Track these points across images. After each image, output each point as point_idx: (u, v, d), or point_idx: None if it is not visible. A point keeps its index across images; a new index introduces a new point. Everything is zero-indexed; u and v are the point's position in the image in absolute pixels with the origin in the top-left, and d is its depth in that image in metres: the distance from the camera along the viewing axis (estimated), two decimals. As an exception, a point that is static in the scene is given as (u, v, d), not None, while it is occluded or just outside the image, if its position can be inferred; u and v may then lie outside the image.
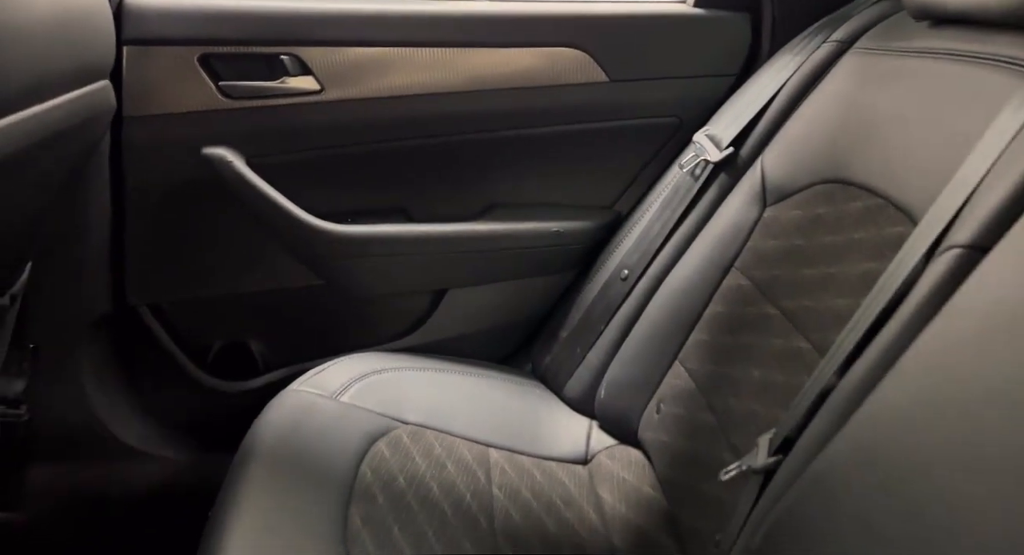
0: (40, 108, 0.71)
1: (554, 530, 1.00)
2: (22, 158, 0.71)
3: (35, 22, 0.69)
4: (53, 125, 0.75)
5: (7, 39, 0.64)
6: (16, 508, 1.26)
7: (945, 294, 0.61)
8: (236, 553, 0.80)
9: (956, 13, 0.80)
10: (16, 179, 0.74)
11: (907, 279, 0.67)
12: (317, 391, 1.12)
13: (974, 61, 0.77)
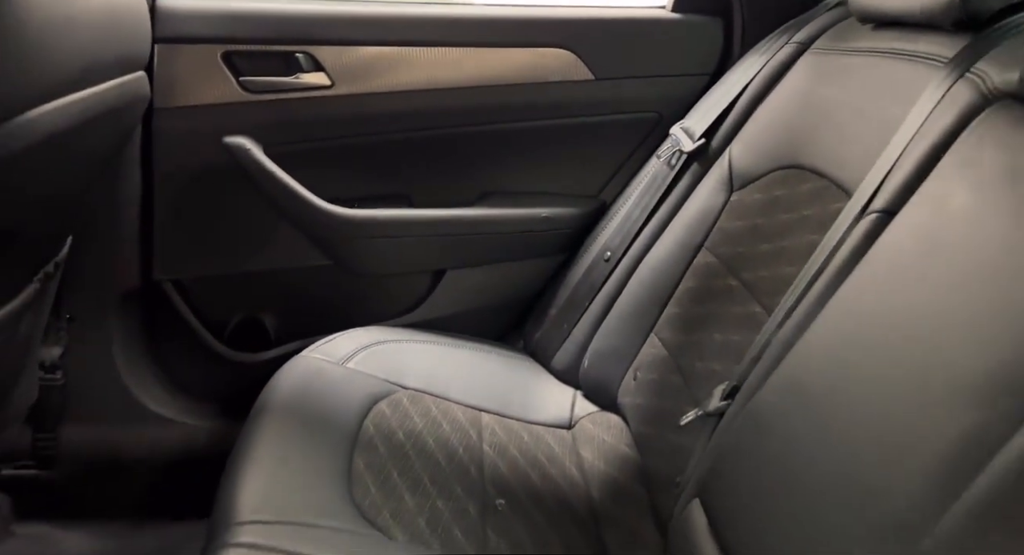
0: (89, 92, 0.81)
1: (538, 482, 1.08)
2: (72, 135, 0.80)
3: (87, 18, 0.79)
4: (97, 107, 0.84)
5: (65, 31, 0.74)
6: (50, 466, 1.35)
7: (861, 252, 0.70)
8: (252, 487, 0.89)
9: (890, 16, 0.89)
10: (66, 154, 0.83)
11: (836, 244, 0.76)
12: (326, 358, 1.20)
13: (903, 57, 0.86)
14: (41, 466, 1.35)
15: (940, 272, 0.58)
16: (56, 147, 0.78)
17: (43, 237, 0.99)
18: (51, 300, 1.15)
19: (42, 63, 0.71)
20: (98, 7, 0.81)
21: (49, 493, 1.35)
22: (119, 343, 1.35)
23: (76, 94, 0.78)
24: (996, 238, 0.55)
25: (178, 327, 1.39)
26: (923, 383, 0.54)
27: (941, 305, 0.56)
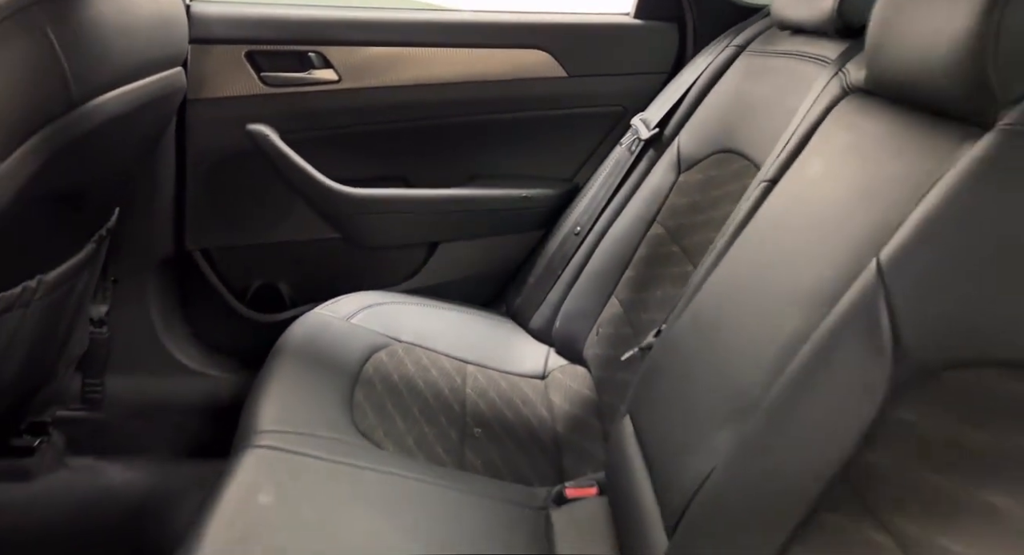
0: (140, 83, 0.98)
1: (512, 418, 1.25)
2: (127, 119, 0.98)
3: (140, 24, 0.96)
4: (146, 96, 1.02)
5: (124, 35, 0.91)
6: (96, 408, 1.52)
7: (752, 214, 0.86)
8: (270, 408, 1.06)
9: (796, 24, 1.06)
10: (121, 134, 1.01)
11: (738, 210, 0.92)
12: (332, 314, 1.37)
13: (805, 58, 1.02)
14: (89, 408, 1.52)
15: (794, 221, 0.75)
16: (115, 128, 0.95)
17: (99, 205, 1.16)
18: (101, 263, 1.32)
19: (108, 60, 0.88)
20: (148, 14, 0.98)
21: (96, 431, 1.52)
22: (155, 303, 1.52)
23: (131, 85, 0.95)
24: (833, 195, 0.72)
25: (206, 291, 1.56)
26: (773, 299, 0.71)
27: (792, 244, 0.73)
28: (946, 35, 0.62)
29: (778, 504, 0.60)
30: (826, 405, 0.60)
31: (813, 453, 0.60)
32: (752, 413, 0.66)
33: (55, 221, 1.01)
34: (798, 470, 0.60)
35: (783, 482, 0.61)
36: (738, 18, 1.37)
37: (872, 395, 0.56)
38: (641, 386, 0.94)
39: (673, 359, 0.86)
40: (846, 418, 0.58)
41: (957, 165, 0.57)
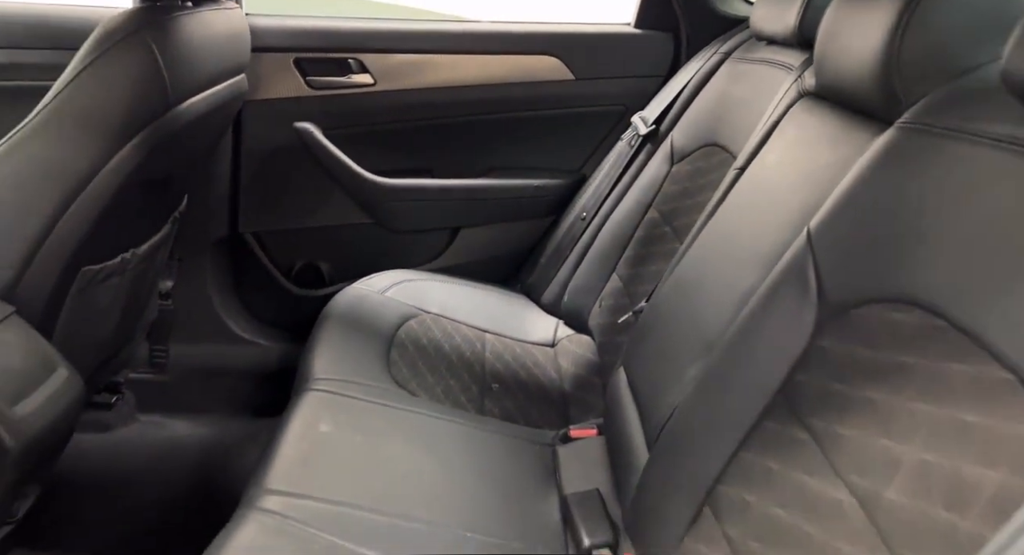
0: (217, 88, 1.15)
1: (525, 377, 1.41)
2: (206, 118, 1.15)
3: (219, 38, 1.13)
4: (221, 99, 1.18)
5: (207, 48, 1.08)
6: (162, 371, 1.70)
7: (724, 197, 1.02)
8: (320, 362, 1.22)
9: (769, 36, 1.20)
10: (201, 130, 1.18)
11: (716, 193, 1.08)
12: (369, 289, 1.53)
13: (775, 65, 1.17)
14: (155, 372, 1.70)
15: (753, 200, 0.90)
16: (197, 125, 1.12)
17: (176, 191, 1.33)
18: (171, 242, 1.50)
19: (196, 70, 1.05)
20: (224, 31, 1.15)
21: (161, 392, 1.69)
22: (212, 280, 1.70)
23: (211, 89, 1.12)
24: (782, 179, 0.87)
25: (256, 269, 1.73)
26: (735, 263, 0.87)
27: (750, 219, 0.88)
28: (866, 51, 0.77)
29: (731, 418, 0.76)
30: (768, 341, 0.76)
31: (758, 378, 0.75)
32: (714, 351, 0.82)
33: (145, 204, 1.18)
34: (747, 391, 0.76)
35: (735, 401, 0.77)
36: (725, 29, 1.52)
37: (802, 331, 0.72)
38: (632, 342, 1.10)
39: (658, 317, 1.02)
40: (783, 349, 0.73)
41: (867, 154, 0.72)
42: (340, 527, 0.85)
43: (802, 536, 0.62)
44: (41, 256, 0.97)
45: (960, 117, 0.64)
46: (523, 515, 0.98)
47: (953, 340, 0.56)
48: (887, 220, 0.67)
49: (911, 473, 0.55)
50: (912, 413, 0.57)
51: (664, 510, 0.82)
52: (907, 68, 0.73)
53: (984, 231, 0.57)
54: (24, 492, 0.98)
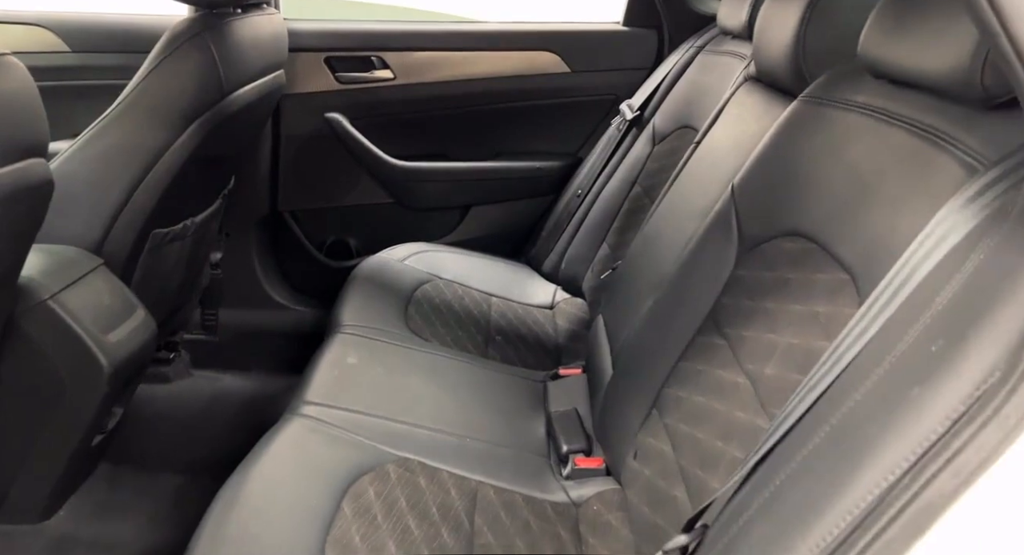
0: (261, 81, 1.34)
1: (525, 332, 1.58)
2: (252, 106, 1.34)
3: (263, 38, 1.32)
4: (264, 90, 1.38)
5: (253, 47, 1.27)
6: (213, 333, 1.90)
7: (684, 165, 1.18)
8: (349, 311, 1.41)
9: (731, 31, 1.36)
10: (248, 119, 1.37)
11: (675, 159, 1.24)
12: (390, 257, 1.72)
13: (735, 56, 1.33)
14: (207, 333, 1.89)
15: (702, 165, 1.07)
16: (246, 113, 1.32)
17: (226, 170, 1.53)
18: (221, 217, 1.69)
19: (245, 65, 1.24)
20: (268, 33, 1.34)
21: (212, 351, 1.89)
22: (255, 252, 1.89)
23: (256, 82, 1.32)
24: (721, 148, 1.04)
25: (293, 243, 1.92)
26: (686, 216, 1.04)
27: (697, 181, 1.05)
28: (783, 41, 0.93)
29: (674, 336, 0.93)
30: (702, 274, 0.93)
31: (694, 304, 0.92)
32: (663, 284, 0.99)
33: (202, 179, 1.38)
34: (685, 315, 0.93)
35: (677, 323, 0.94)
36: (701, 25, 1.68)
37: (726, 264, 0.89)
38: (608, 292, 1.27)
39: (628, 268, 1.19)
40: (712, 280, 0.90)
41: (777, 123, 0.89)
42: (363, 429, 1.03)
43: (713, 413, 0.79)
44: (122, 219, 1.17)
45: (838, 90, 0.80)
46: (515, 429, 1.16)
47: (819, 258, 0.73)
48: (785, 174, 0.84)
49: (782, 354, 0.71)
50: (788, 312, 0.74)
51: (623, 414, 0.99)
52: (810, 54, 0.89)
53: (844, 176, 0.74)
54: (112, 411, 1.18)
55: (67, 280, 1.05)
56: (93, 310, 1.07)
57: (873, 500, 0.42)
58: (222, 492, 0.86)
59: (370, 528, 0.86)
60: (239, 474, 0.89)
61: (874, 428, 0.45)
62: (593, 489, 1.01)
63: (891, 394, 0.45)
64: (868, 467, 0.43)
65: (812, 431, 0.51)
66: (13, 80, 0.74)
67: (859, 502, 0.43)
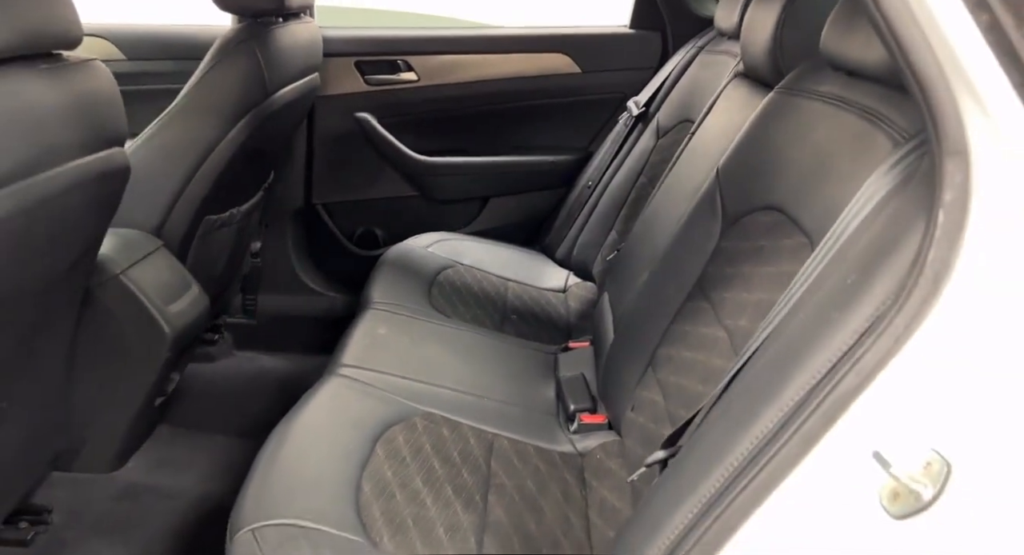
0: (300, 82, 1.47)
1: (538, 312, 1.69)
2: (292, 105, 1.47)
3: (302, 43, 1.45)
4: (302, 91, 1.51)
5: (293, 52, 1.40)
6: (252, 317, 2.04)
7: (681, 153, 1.29)
8: (379, 291, 1.53)
9: (726, 33, 1.46)
10: (288, 117, 1.50)
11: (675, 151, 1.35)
12: (415, 245, 1.84)
13: (727, 54, 1.43)
14: (247, 317, 2.03)
15: (694, 153, 1.17)
16: (286, 111, 1.45)
17: (267, 165, 1.66)
18: (261, 209, 1.83)
19: (287, 68, 1.37)
20: (306, 39, 1.48)
21: (252, 333, 2.02)
22: (291, 242, 2.03)
23: (295, 84, 1.45)
24: (710, 136, 1.14)
25: (325, 234, 2.05)
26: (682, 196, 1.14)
27: (694, 166, 1.16)
28: (763, 39, 1.03)
29: (666, 303, 1.04)
30: (690, 247, 1.03)
31: (685, 273, 1.03)
32: (658, 259, 1.09)
33: (246, 172, 1.51)
34: (678, 283, 1.03)
35: (669, 291, 1.04)
36: (701, 27, 1.78)
37: (712, 238, 0.99)
38: (612, 270, 1.38)
39: (629, 248, 1.30)
40: (699, 252, 1.01)
41: (755, 112, 0.99)
42: (392, 388, 1.15)
43: (696, 364, 0.90)
44: (179, 206, 1.31)
45: (805, 81, 0.90)
46: (527, 392, 1.27)
47: (787, 227, 0.83)
48: (761, 156, 0.94)
49: (753, 308, 0.82)
50: (760, 274, 0.84)
51: (623, 373, 1.10)
52: (786, 50, 0.99)
53: (808, 155, 0.84)
54: (170, 376, 1.31)
55: (134, 258, 1.19)
56: (156, 284, 1.20)
57: (799, 400, 0.53)
58: (272, 436, 0.98)
59: (400, 467, 0.98)
60: (286, 422, 1.02)
61: (804, 345, 0.55)
62: (596, 441, 1.12)
63: (818, 319, 0.56)
64: (797, 375, 0.54)
65: (761, 357, 0.62)
66: (100, 81, 0.87)
67: (788, 402, 0.54)
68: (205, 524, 1.26)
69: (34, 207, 0.72)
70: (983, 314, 0.48)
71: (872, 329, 0.51)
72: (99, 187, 0.88)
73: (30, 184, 0.70)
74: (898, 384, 0.50)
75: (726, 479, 0.55)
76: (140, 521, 1.21)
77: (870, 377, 0.50)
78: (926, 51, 0.46)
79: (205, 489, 1.33)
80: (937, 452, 0.49)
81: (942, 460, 0.48)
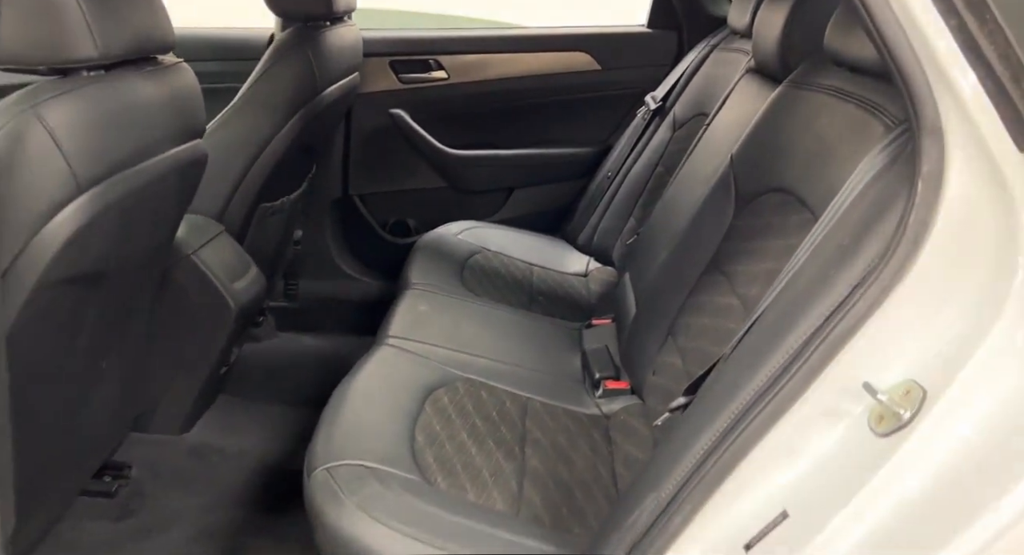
0: (344, 81, 1.57)
1: (562, 295, 1.79)
2: (336, 104, 1.57)
3: (347, 46, 1.55)
4: (345, 90, 1.61)
5: (339, 53, 1.50)
6: (293, 300, 2.15)
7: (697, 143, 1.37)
8: (416, 275, 1.63)
9: (739, 31, 1.55)
10: (333, 113, 1.60)
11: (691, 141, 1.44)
12: (446, 232, 1.94)
13: (740, 52, 1.52)
14: (288, 301, 2.14)
15: (709, 141, 1.26)
16: (332, 108, 1.55)
17: (313, 156, 1.77)
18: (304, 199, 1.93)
19: (334, 69, 1.48)
20: (350, 42, 1.58)
21: (293, 316, 2.13)
22: (329, 231, 2.13)
23: (340, 83, 1.55)
24: (723, 126, 1.23)
25: (361, 223, 2.15)
26: (698, 182, 1.23)
27: (710, 153, 1.25)
28: (773, 37, 1.12)
29: (685, 277, 1.13)
30: (707, 227, 1.13)
31: (702, 250, 1.12)
32: (676, 239, 1.19)
33: (296, 163, 1.61)
34: (695, 259, 1.13)
35: (687, 267, 1.14)
36: (715, 26, 1.86)
37: (726, 217, 1.08)
38: (632, 252, 1.47)
39: (650, 230, 1.39)
40: (715, 231, 1.10)
41: (765, 103, 1.08)
42: (435, 356, 1.26)
43: (712, 329, 1.00)
44: (238, 194, 1.42)
45: (810, 76, 0.99)
46: (556, 362, 1.37)
47: (795, 205, 0.92)
48: (771, 143, 1.03)
49: (764, 278, 0.91)
50: (770, 247, 0.94)
51: (645, 342, 1.19)
52: (794, 47, 1.08)
53: (813, 142, 0.93)
54: (232, 349, 1.42)
55: (202, 240, 1.30)
56: (222, 264, 1.31)
57: (802, 342, 0.62)
58: (334, 394, 1.09)
59: (447, 422, 1.08)
60: (345, 382, 1.12)
61: (806, 298, 0.65)
62: (620, 404, 1.22)
63: (818, 276, 0.65)
64: (801, 322, 0.64)
65: (770, 311, 0.71)
66: (188, 80, 0.97)
67: (793, 345, 0.63)
68: (264, 479, 1.38)
69: (141, 190, 0.83)
70: (955, 266, 0.58)
71: (863, 282, 0.60)
72: (185, 174, 0.99)
73: (139, 170, 0.81)
74: (884, 327, 0.59)
75: (740, 411, 0.65)
76: (208, 476, 1.33)
77: (861, 321, 0.60)
78: (907, 49, 0.56)
79: (262, 450, 1.45)
80: (915, 381, 0.58)
81: (919, 387, 0.57)
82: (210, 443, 1.40)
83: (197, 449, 1.38)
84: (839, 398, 0.60)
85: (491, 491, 0.96)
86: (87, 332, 0.90)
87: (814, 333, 0.62)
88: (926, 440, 0.56)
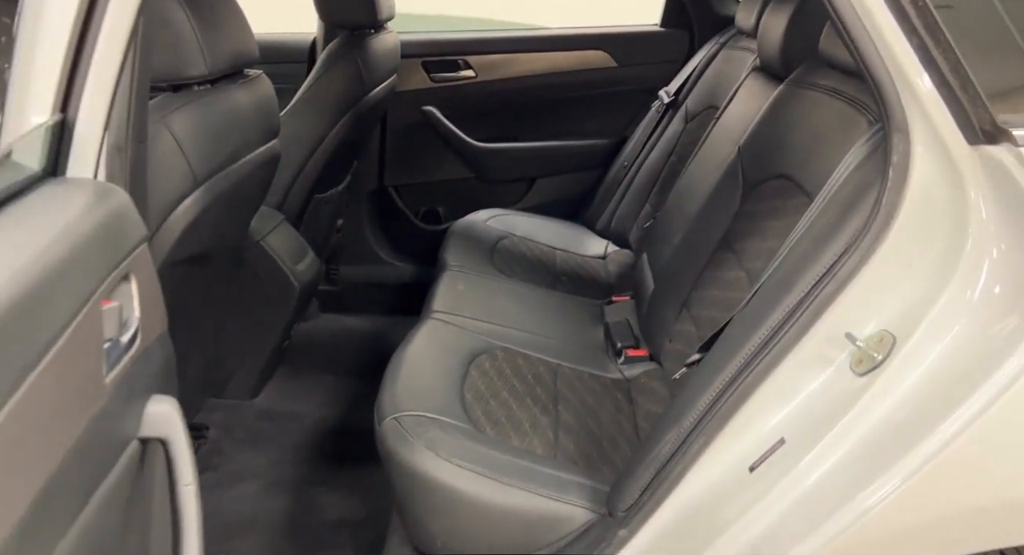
0: (386, 83, 1.70)
1: (583, 274, 1.91)
2: (379, 103, 1.70)
3: (389, 50, 1.68)
4: (386, 90, 1.74)
5: (383, 58, 1.63)
6: (335, 284, 2.29)
7: (707, 135, 1.49)
8: (452, 258, 1.76)
9: (746, 31, 1.65)
10: (375, 111, 1.73)
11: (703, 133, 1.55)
12: (475, 219, 2.06)
13: (747, 50, 1.62)
14: (331, 284, 2.28)
15: (722, 133, 1.38)
16: (374, 107, 1.68)
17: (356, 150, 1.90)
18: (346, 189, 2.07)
19: (379, 71, 1.60)
20: (390, 46, 1.70)
21: (335, 298, 2.27)
22: (367, 220, 2.26)
23: (383, 84, 1.68)
24: (731, 119, 1.35)
25: (395, 212, 2.29)
26: (709, 171, 1.35)
27: (720, 144, 1.36)
28: (776, 38, 1.24)
29: (698, 256, 1.26)
30: (718, 210, 1.25)
31: (713, 231, 1.24)
32: (690, 221, 1.31)
33: (343, 157, 1.75)
34: (707, 239, 1.25)
35: (700, 246, 1.26)
36: (724, 26, 1.96)
37: (734, 201, 1.21)
38: (650, 236, 1.60)
39: (665, 215, 1.51)
40: (725, 214, 1.22)
41: (768, 100, 1.19)
42: (475, 328, 1.39)
43: (722, 299, 1.12)
44: (296, 186, 1.55)
45: (808, 76, 1.11)
46: (581, 333, 1.51)
47: (793, 190, 1.04)
48: (774, 135, 1.15)
49: (767, 253, 1.03)
50: (773, 227, 1.06)
51: (662, 314, 1.32)
52: (794, 50, 1.19)
53: (809, 135, 1.05)
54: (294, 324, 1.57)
55: (268, 228, 1.44)
56: (285, 249, 1.45)
57: (797, 301, 0.75)
58: (392, 359, 1.23)
59: (490, 383, 1.22)
60: (400, 351, 1.26)
61: (800, 266, 0.77)
62: (640, 369, 1.35)
63: (810, 248, 0.78)
64: (796, 286, 0.76)
65: (771, 278, 0.84)
66: (268, 89, 1.11)
67: (789, 304, 0.76)
68: (323, 438, 1.53)
69: (238, 183, 0.96)
70: (918, 238, 0.70)
71: (847, 251, 0.73)
72: (265, 169, 1.12)
73: (239, 166, 0.94)
74: (863, 287, 0.72)
75: (744, 360, 0.78)
76: (277, 436, 1.48)
77: (844, 283, 0.72)
78: (877, 60, 0.68)
79: (322, 413, 1.60)
80: (887, 331, 0.71)
81: (890, 335, 0.70)
82: (275, 407, 1.55)
83: (265, 413, 1.53)
84: (826, 346, 0.73)
85: (532, 439, 1.09)
86: (186, 310, 1.04)
87: (806, 295, 0.75)
88: (895, 377, 0.69)
